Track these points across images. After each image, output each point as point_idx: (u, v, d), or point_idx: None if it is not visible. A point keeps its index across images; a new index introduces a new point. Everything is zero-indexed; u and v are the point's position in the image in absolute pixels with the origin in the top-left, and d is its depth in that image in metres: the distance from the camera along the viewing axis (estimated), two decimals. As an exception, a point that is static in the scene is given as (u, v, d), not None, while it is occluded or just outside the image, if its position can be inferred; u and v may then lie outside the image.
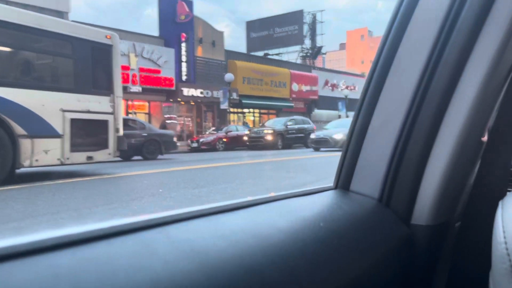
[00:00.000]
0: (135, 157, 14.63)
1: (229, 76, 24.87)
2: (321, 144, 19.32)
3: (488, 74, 0.55)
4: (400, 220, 0.63)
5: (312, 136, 20.34)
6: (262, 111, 33.52)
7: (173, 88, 24.97)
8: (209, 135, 23.05)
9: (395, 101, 0.63)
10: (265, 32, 43.57)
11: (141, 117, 25.47)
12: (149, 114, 25.86)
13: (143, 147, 14.40)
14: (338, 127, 20.00)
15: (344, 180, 0.71)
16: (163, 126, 25.41)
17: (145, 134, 14.70)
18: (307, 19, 42.84)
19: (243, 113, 32.38)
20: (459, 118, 0.57)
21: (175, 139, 16.48)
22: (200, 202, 5.89)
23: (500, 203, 0.55)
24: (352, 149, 0.70)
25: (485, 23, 0.54)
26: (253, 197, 0.55)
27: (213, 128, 25.36)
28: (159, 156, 15.46)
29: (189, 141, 23.23)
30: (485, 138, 0.69)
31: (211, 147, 22.03)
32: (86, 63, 9.64)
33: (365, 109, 0.68)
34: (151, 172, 10.51)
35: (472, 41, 0.55)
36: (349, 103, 37.29)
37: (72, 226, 0.42)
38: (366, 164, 0.67)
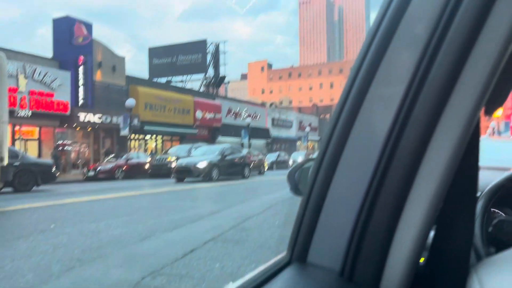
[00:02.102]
0: (4, 189, 13.07)
1: (130, 102, 24.03)
2: (184, 174, 17.33)
3: (460, 139, 0.51)
4: None
5: (174, 165, 18.12)
6: (165, 137, 32.86)
7: (68, 113, 23.35)
8: (108, 163, 21.83)
9: (361, 156, 0.58)
10: (168, 59, 43.34)
11: (32, 144, 23.33)
12: (39, 140, 23.74)
13: (15, 177, 13.03)
14: (205, 155, 18.38)
15: (300, 250, 0.62)
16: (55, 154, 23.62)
17: (17, 164, 13.37)
18: (210, 48, 43.63)
19: (144, 139, 31.39)
20: (432, 178, 0.53)
21: (53, 169, 15.24)
22: (98, 239, 5.49)
23: (472, 269, 0.53)
24: (310, 212, 0.61)
25: (464, 66, 0.51)
26: None
27: (112, 155, 24.11)
28: (44, 187, 14.19)
29: (84, 170, 21.74)
30: None
31: (109, 175, 20.84)
32: (-36, 84, 8.59)
33: (326, 164, 0.60)
34: (41, 205, 9.56)
35: (446, 93, 0.51)
36: (251, 131, 38.32)
37: None
38: (326, 230, 0.60)
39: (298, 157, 34.21)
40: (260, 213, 7.71)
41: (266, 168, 26.50)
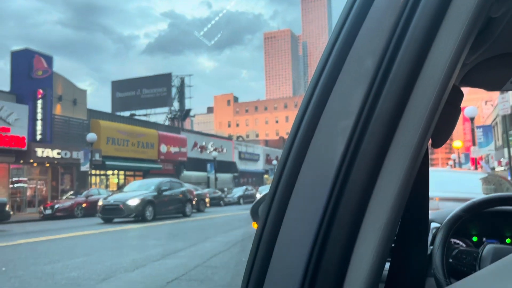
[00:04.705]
0: None
1: (91, 136, 23.44)
2: (112, 213, 15.20)
3: (410, 164, 0.52)
4: None
5: (100, 203, 15.93)
6: (128, 173, 32.07)
7: (25, 148, 22.44)
8: (66, 200, 20.94)
9: (313, 189, 0.58)
10: (132, 92, 43.04)
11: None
12: (-8, 177, 22.59)
13: None
14: (138, 190, 16.40)
15: (254, 287, 0.62)
16: None
17: None
18: (176, 82, 43.72)
19: (106, 175, 30.50)
20: (382, 211, 0.53)
21: (7, 207, 14.30)
22: (53, 281, 5.12)
23: None
24: (263, 247, 0.61)
25: (409, 100, 0.52)
26: None
27: (72, 192, 23.18)
28: None
29: (41, 208, 20.71)
30: None
31: (68, 213, 19.94)
32: None
33: (279, 198, 0.60)
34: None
35: (392, 126, 0.53)
36: (218, 165, 38.10)
37: None
38: (280, 265, 0.59)
39: (265, 190, 34.02)
40: (226, 250, 7.51)
41: (208, 203, 22.67)
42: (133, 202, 14.97)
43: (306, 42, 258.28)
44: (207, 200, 22.69)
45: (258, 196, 33.81)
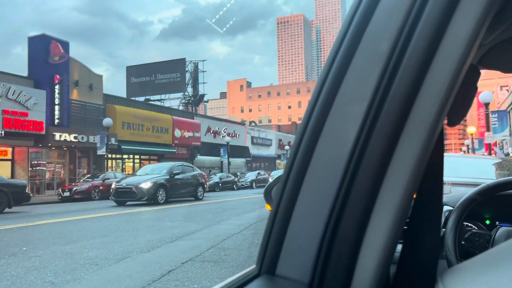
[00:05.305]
0: None
1: (107, 121, 23.72)
2: (125, 196, 15.49)
3: (422, 149, 0.53)
4: None
5: (113, 186, 16.30)
6: (143, 157, 32.46)
7: (43, 132, 22.86)
8: (84, 183, 21.36)
9: (327, 170, 0.59)
10: (147, 77, 43.23)
11: (4, 165, 22.67)
12: (12, 160, 23.10)
13: None
14: (151, 174, 16.54)
15: (269, 263, 0.63)
16: None
17: None
18: (189, 67, 43.75)
19: (122, 159, 30.93)
20: (396, 190, 0.54)
21: (27, 189, 14.71)
22: (73, 261, 5.32)
23: (439, 278, 0.53)
24: (278, 224, 0.62)
25: (424, 80, 0.53)
26: None
27: (89, 176, 23.62)
28: (21, 208, 13.73)
29: (60, 190, 21.20)
30: None
31: (86, 196, 20.37)
32: None
33: (293, 177, 0.62)
34: (13, 227, 9.24)
35: (407, 106, 0.53)
36: (231, 150, 38.27)
37: None
38: (295, 242, 0.61)
39: (278, 175, 33.99)
40: (239, 232, 7.65)
41: (207, 188, 20.76)
42: (146, 185, 15.19)
43: (320, 27, 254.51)
44: (206, 185, 20.51)
45: (271, 180, 33.81)
